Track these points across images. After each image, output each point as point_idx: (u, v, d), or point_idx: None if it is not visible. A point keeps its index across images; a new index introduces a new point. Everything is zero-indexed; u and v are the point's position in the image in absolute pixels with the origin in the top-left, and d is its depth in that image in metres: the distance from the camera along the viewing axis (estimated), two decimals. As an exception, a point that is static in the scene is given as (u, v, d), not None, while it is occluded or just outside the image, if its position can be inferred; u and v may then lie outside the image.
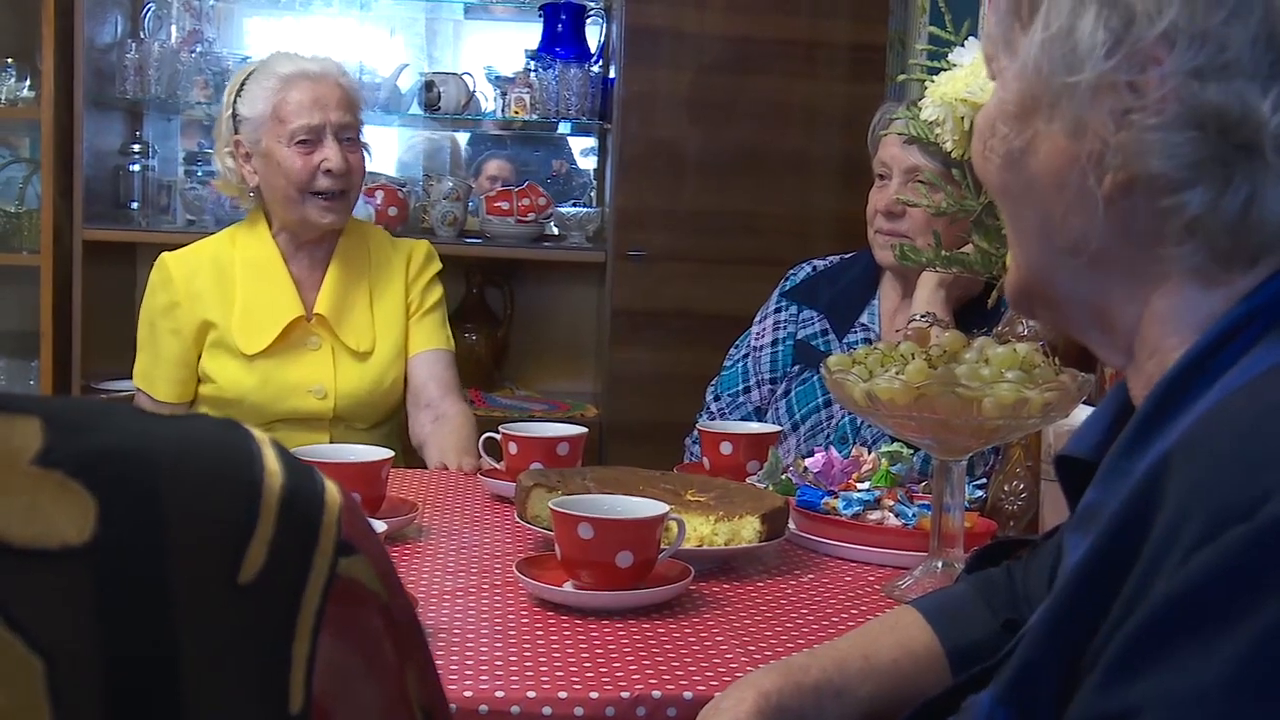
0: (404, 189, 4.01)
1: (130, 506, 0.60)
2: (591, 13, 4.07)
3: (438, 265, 2.93)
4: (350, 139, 2.74)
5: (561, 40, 4.01)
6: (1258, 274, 0.93)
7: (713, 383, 2.85)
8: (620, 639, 1.58)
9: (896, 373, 1.70)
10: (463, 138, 4.46)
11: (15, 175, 4.12)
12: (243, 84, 2.76)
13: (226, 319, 2.75)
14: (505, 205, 3.99)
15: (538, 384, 4.20)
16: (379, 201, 3.92)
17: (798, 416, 2.66)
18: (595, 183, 4.21)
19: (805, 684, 1.30)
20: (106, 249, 3.75)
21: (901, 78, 2.45)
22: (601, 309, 3.92)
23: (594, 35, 4.08)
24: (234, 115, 2.75)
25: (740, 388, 2.78)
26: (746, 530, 1.88)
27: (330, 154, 2.70)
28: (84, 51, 3.71)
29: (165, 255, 2.82)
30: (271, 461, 0.64)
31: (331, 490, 0.66)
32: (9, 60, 3.94)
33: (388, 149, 4.23)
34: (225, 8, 4.19)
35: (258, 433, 0.66)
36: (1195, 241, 0.92)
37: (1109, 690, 0.77)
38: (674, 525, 1.78)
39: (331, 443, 2.69)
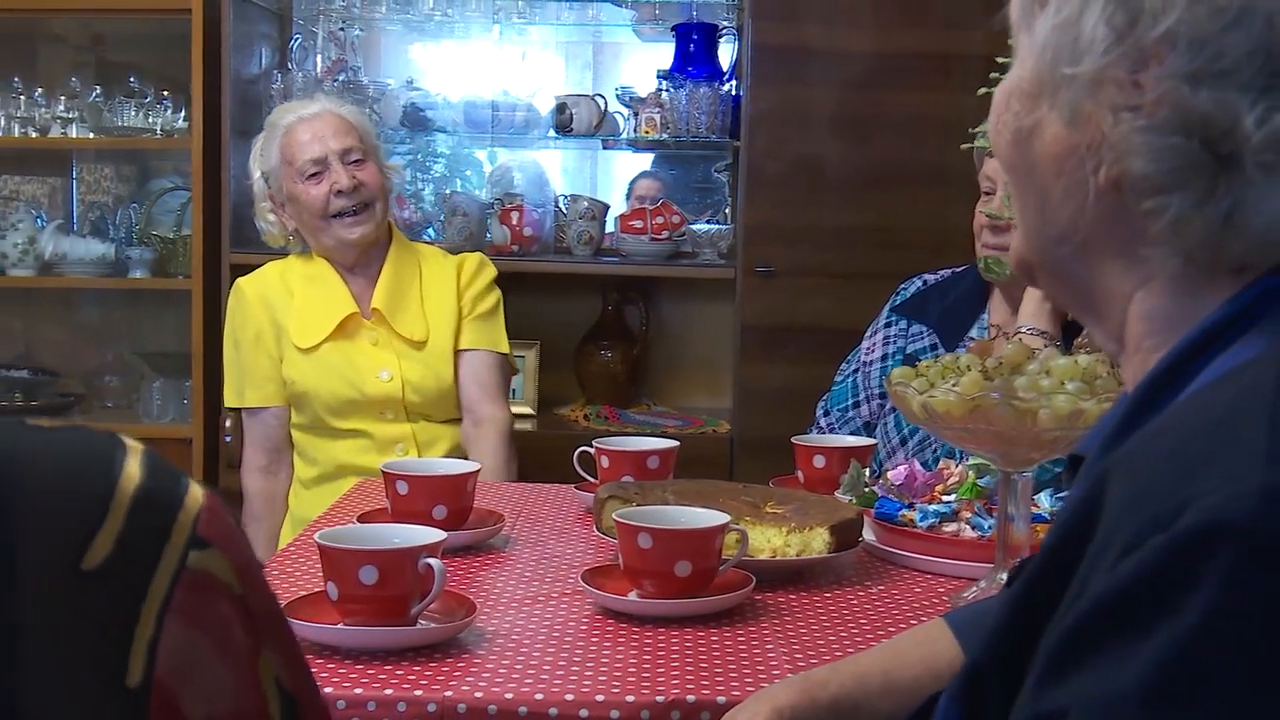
0: (540, 209, 4.11)
1: None
2: (724, 32, 4.13)
3: (492, 271, 3.14)
4: (357, 160, 2.96)
5: (694, 60, 4.07)
6: (1240, 282, 0.93)
7: (823, 398, 2.88)
8: (672, 646, 1.63)
9: (953, 385, 1.72)
10: (602, 157, 4.55)
11: (174, 203, 4.33)
12: (260, 147, 3.04)
13: (289, 320, 2.95)
14: (639, 224, 4.07)
15: (674, 400, 4.26)
16: (515, 222, 4.03)
17: (905, 431, 2.68)
18: (730, 200, 4.25)
19: (822, 700, 1.31)
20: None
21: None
22: (732, 325, 3.96)
23: (726, 54, 4.13)
24: (262, 175, 3.03)
25: (850, 402, 2.81)
26: (817, 541, 1.91)
27: (336, 176, 2.93)
28: (230, 82, 3.89)
29: (240, 280, 3.07)
30: (133, 467, 0.74)
31: (195, 494, 0.75)
32: (165, 93, 4.16)
33: (524, 171, 4.34)
34: (369, 37, 4.35)
35: (133, 444, 0.75)
36: (1174, 246, 0.93)
37: (1042, 691, 0.79)
38: (738, 536, 1.82)
39: (416, 439, 2.92)
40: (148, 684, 0.71)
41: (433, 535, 1.66)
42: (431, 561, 1.61)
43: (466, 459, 2.62)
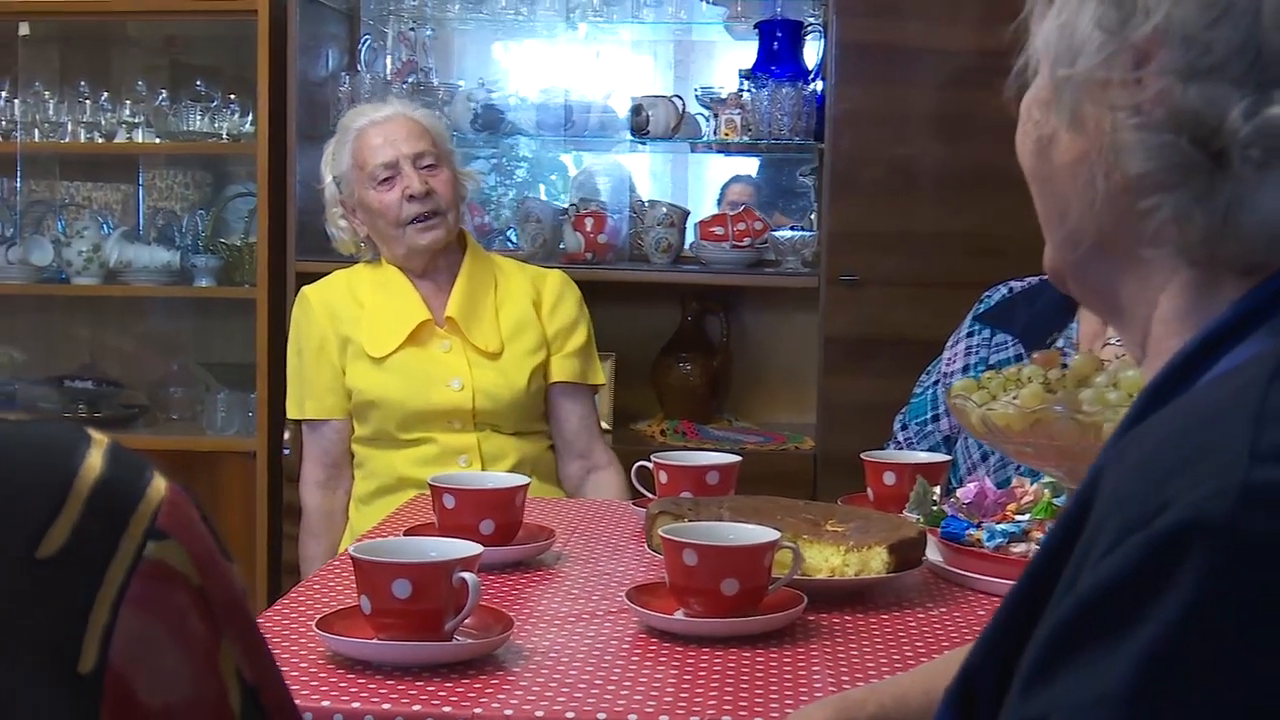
0: (616, 215, 4.15)
1: None
2: (810, 28, 4.14)
3: (577, 293, 3.18)
4: (429, 165, 3.01)
5: (779, 58, 4.09)
6: (1252, 282, 0.95)
7: (901, 411, 2.89)
8: (714, 667, 1.65)
9: (1013, 398, 1.73)
10: (693, 161, 4.59)
11: (244, 209, 4.44)
12: (331, 151, 3.10)
13: (358, 330, 3.00)
14: (720, 230, 4.09)
15: (756, 415, 4.27)
16: (589, 228, 4.07)
17: (987, 447, 2.68)
18: (815, 205, 4.27)
19: None
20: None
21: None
22: (816, 337, 3.97)
23: (813, 52, 4.15)
24: (333, 179, 3.09)
25: (929, 415, 2.82)
26: (875, 561, 1.93)
27: (408, 181, 2.98)
28: (296, 85, 3.98)
29: (305, 288, 3.13)
30: (95, 458, 0.79)
31: (157, 486, 0.79)
32: (231, 96, 4.26)
33: (609, 175, 4.38)
34: (441, 37, 4.43)
35: (99, 436, 0.80)
36: (1175, 246, 0.95)
37: (1028, 694, 0.81)
38: (791, 554, 1.84)
39: (481, 450, 2.95)
40: (101, 671, 0.75)
41: (468, 549, 1.70)
42: (466, 576, 1.64)
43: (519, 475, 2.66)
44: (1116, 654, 0.75)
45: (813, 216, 4.26)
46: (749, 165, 4.57)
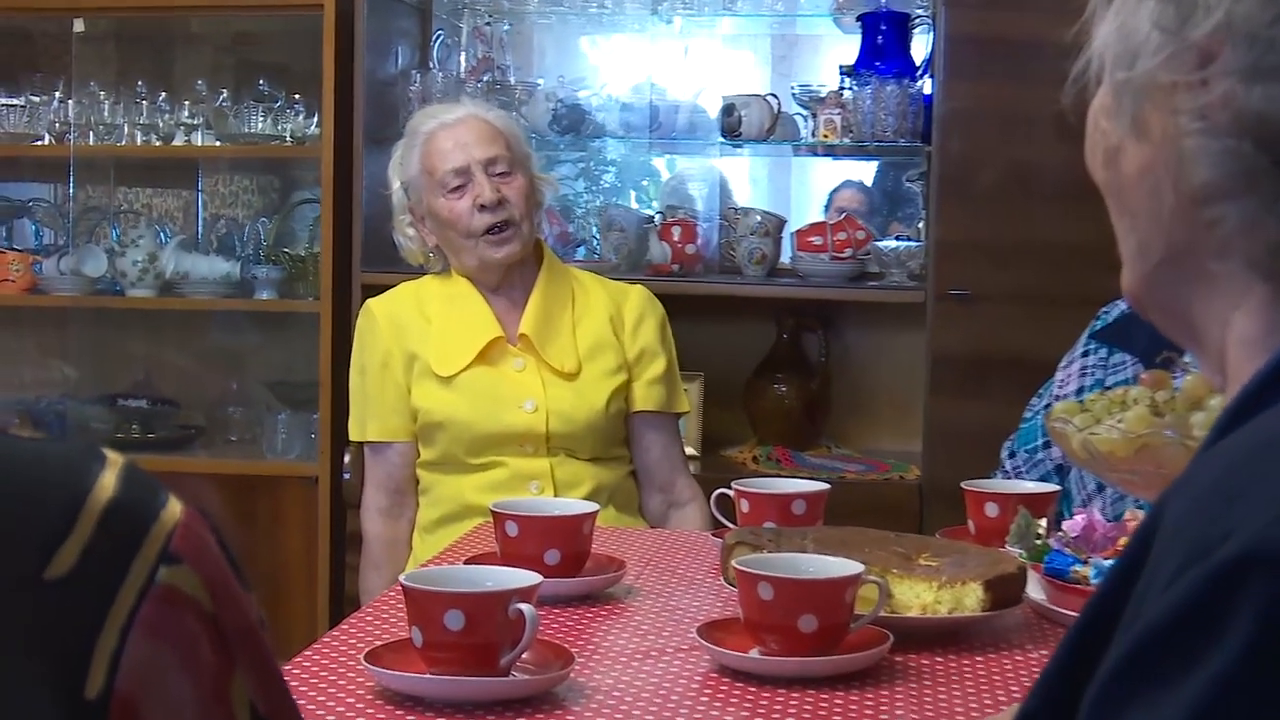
0: (706, 224, 4.18)
1: None
2: (917, 21, 4.14)
3: (660, 312, 3.19)
4: (503, 171, 3.04)
5: (883, 53, 4.10)
6: None
7: (1010, 438, 2.89)
8: (790, 709, 1.67)
9: (1117, 421, 1.74)
10: (796, 165, 4.61)
11: (310, 217, 4.51)
12: (400, 156, 3.13)
13: (425, 346, 3.04)
14: (818, 240, 4.11)
15: (857, 441, 4.28)
16: (677, 238, 4.10)
17: (1103, 477, 2.67)
18: (922, 213, 4.27)
19: None
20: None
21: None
22: (923, 356, 3.97)
23: (920, 47, 4.15)
24: (401, 185, 3.13)
25: (1039, 443, 2.81)
26: (970, 598, 1.93)
27: (480, 189, 3.00)
28: (364, 84, 4.05)
29: (370, 301, 3.17)
30: (108, 479, 0.83)
31: (172, 509, 0.83)
32: (296, 96, 4.34)
33: (693, 180, 4.41)
34: (520, 32, 4.48)
35: (114, 456, 0.84)
36: (1243, 259, 0.96)
37: None
38: (877, 589, 1.86)
39: (553, 476, 2.97)
40: (107, 696, 0.79)
41: (526, 578, 1.73)
42: (523, 607, 1.67)
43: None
44: (1175, 697, 0.76)
45: (920, 225, 4.26)
46: (859, 170, 4.57)
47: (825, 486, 2.39)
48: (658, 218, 4.20)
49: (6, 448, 0.84)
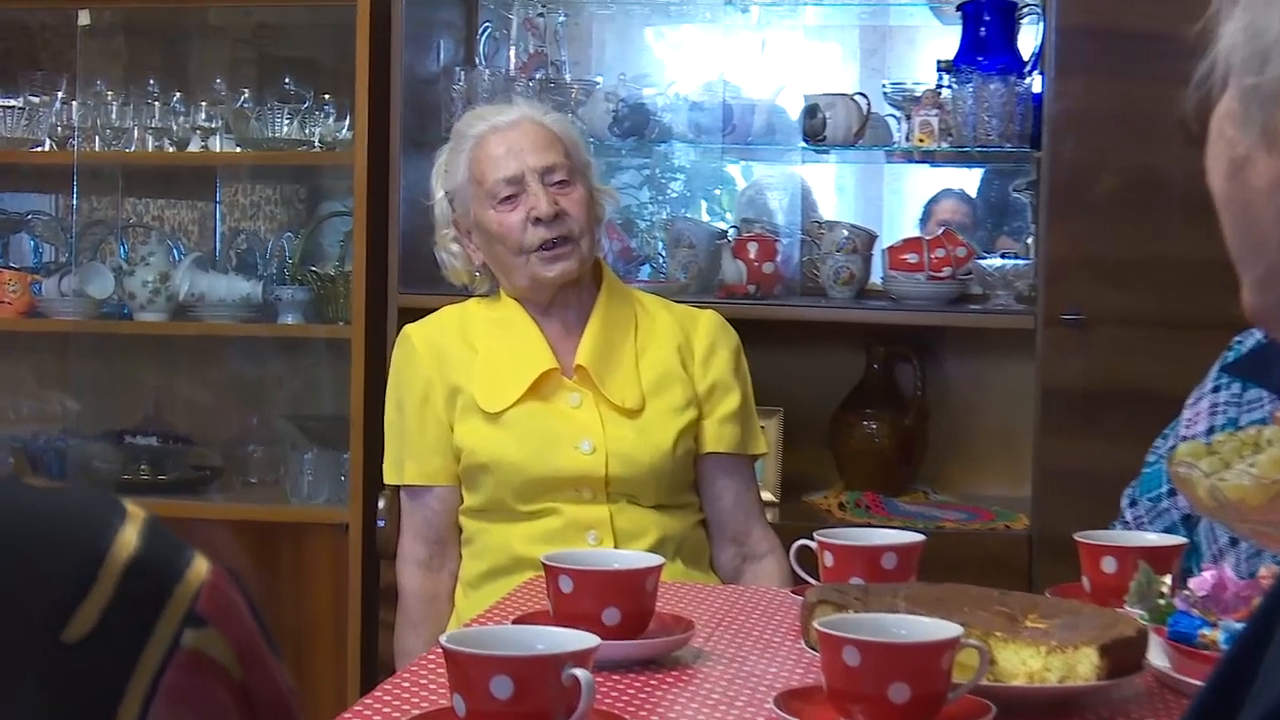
0: (786, 239, 4.19)
1: None
2: (1026, 10, 4.15)
3: (734, 341, 3.20)
4: (561, 181, 3.06)
5: (986, 47, 4.10)
6: None
7: (1131, 484, 2.89)
8: (878, 789, 1.68)
9: (1250, 465, 1.74)
10: (874, 173, 4.62)
11: (337, 231, 4.55)
12: (444, 162, 3.16)
13: (470, 380, 3.05)
14: (914, 258, 4.11)
15: (958, 486, 4.28)
16: (753, 255, 4.11)
17: (1237, 528, 2.67)
18: (1031, 227, 4.26)
19: None
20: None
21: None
22: (1033, 389, 3.96)
23: (1028, 39, 4.15)
24: (445, 195, 3.15)
25: (1164, 489, 2.81)
26: (1084, 665, 1.94)
27: (535, 200, 3.02)
28: (402, 83, 4.09)
29: (408, 327, 3.19)
30: (129, 534, 0.85)
31: (198, 568, 0.86)
32: (326, 96, 4.38)
33: (773, 190, 4.43)
34: (578, 24, 4.51)
35: (133, 509, 0.87)
36: None
37: None
38: (976, 654, 1.87)
39: (613, 525, 2.98)
40: None
41: (583, 641, 1.75)
42: (578, 673, 1.69)
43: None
44: None
45: (1028, 241, 4.26)
46: (960, 179, 4.58)
47: (920, 538, 2.40)
48: (731, 232, 4.22)
49: (18, 497, 0.86)
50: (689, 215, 4.61)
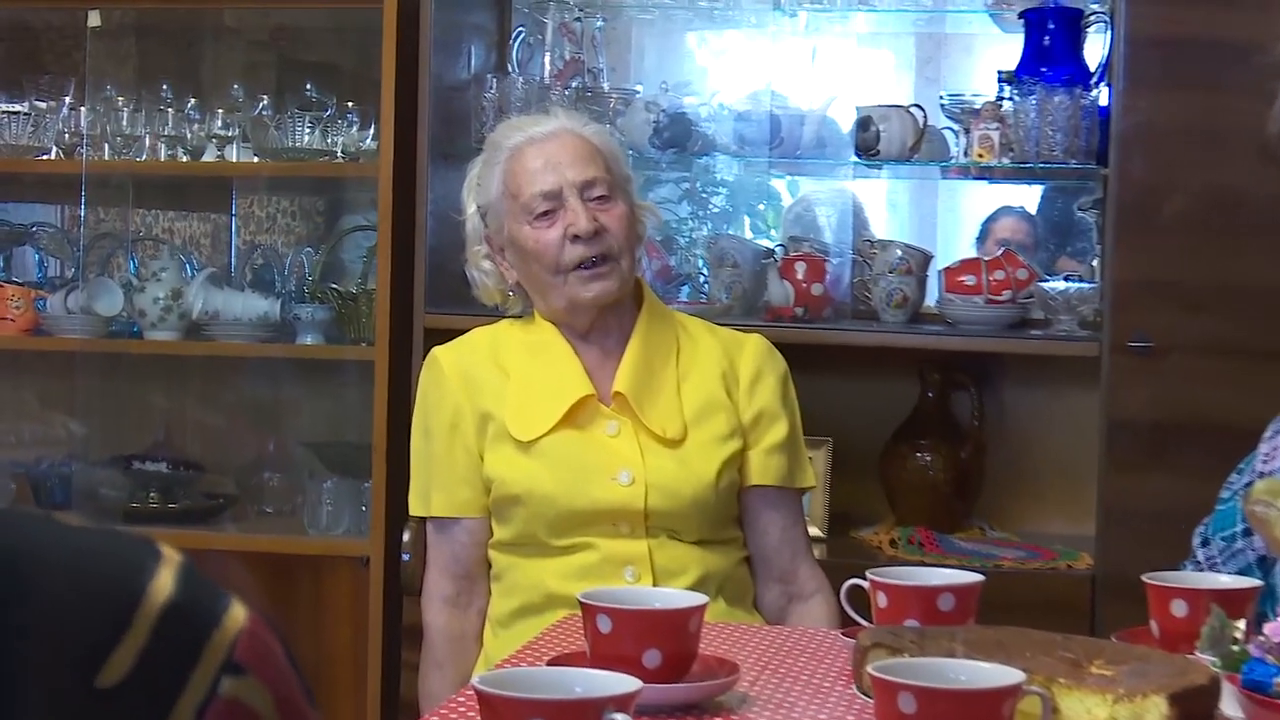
0: (837, 259, 4.20)
1: None
2: (1092, 18, 4.15)
3: (782, 367, 3.20)
4: (601, 196, 3.06)
5: (1050, 57, 4.11)
6: None
7: (1203, 523, 2.90)
8: (934, 843, 1.70)
9: (1331, 505, 1.76)
10: (929, 189, 4.63)
11: (360, 246, 4.57)
12: (477, 174, 3.17)
13: (502, 406, 3.06)
14: (971, 280, 4.12)
15: (1017, 523, 4.28)
16: (801, 276, 4.13)
17: (1320, 572, 2.68)
18: (1097, 248, 4.27)
19: None
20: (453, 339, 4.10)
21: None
22: (1098, 421, 3.96)
23: (1095, 49, 4.15)
24: (478, 209, 3.16)
25: (1239, 528, 2.81)
26: (1152, 715, 1.95)
27: (574, 216, 3.02)
28: (430, 90, 4.11)
29: (436, 350, 3.19)
30: (165, 577, 0.87)
31: (235, 614, 0.88)
32: (349, 103, 4.41)
33: (822, 206, 4.44)
34: (617, 29, 4.53)
35: (169, 551, 0.89)
36: None
37: None
38: (1039, 702, 1.88)
39: (652, 562, 2.98)
40: None
41: (623, 684, 1.77)
42: (618, 718, 1.71)
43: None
44: None
45: (1094, 263, 4.26)
46: (1021, 196, 4.59)
47: (979, 578, 2.41)
48: (778, 251, 4.22)
49: (51, 537, 0.89)
50: (732, 232, 4.62)
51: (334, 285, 4.50)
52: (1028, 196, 4.58)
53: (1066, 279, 4.20)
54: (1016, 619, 2.35)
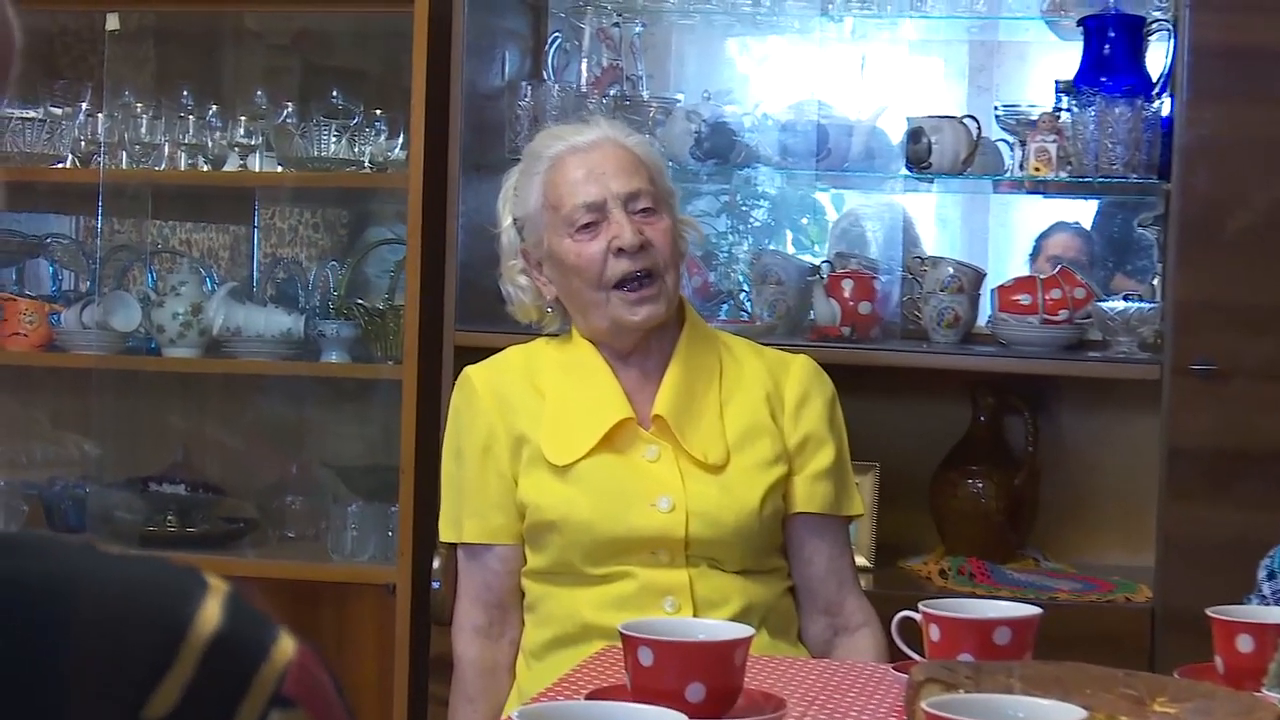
0: (886, 277, 4.21)
1: (22, 634, 0.85)
2: (1155, 26, 4.15)
3: (829, 390, 3.20)
4: (645, 209, 3.06)
5: (1110, 67, 4.11)
6: None
7: (1269, 555, 2.90)
8: None
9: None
10: (981, 204, 4.64)
11: (388, 261, 4.59)
12: (514, 185, 3.17)
13: (537, 428, 3.07)
14: (1026, 299, 4.12)
15: (1073, 553, 4.27)
16: (848, 294, 4.13)
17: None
18: (1158, 266, 4.27)
19: None
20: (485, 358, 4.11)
21: None
22: (1158, 447, 3.97)
23: (1157, 59, 4.15)
24: (514, 222, 3.16)
25: (1307, 561, 2.83)
26: (1218, 754, 1.97)
27: (618, 230, 3.02)
28: (462, 98, 4.12)
29: (469, 369, 3.20)
30: (212, 607, 0.90)
31: (284, 646, 0.90)
32: (377, 111, 4.43)
33: (870, 221, 4.45)
34: (656, 35, 4.54)
35: (215, 581, 0.91)
36: None
37: None
38: (1100, 741, 1.90)
39: (693, 592, 2.98)
40: None
41: (666, 719, 1.79)
42: (664, 753, 1.73)
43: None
44: None
45: (1155, 282, 4.26)
46: (1078, 211, 4.59)
47: (1037, 611, 2.42)
48: (824, 268, 4.21)
49: (94, 566, 0.91)
50: (775, 248, 4.63)
51: (360, 301, 4.51)
52: (1082, 212, 4.58)
53: (1125, 299, 4.20)
54: (1072, 653, 2.35)
